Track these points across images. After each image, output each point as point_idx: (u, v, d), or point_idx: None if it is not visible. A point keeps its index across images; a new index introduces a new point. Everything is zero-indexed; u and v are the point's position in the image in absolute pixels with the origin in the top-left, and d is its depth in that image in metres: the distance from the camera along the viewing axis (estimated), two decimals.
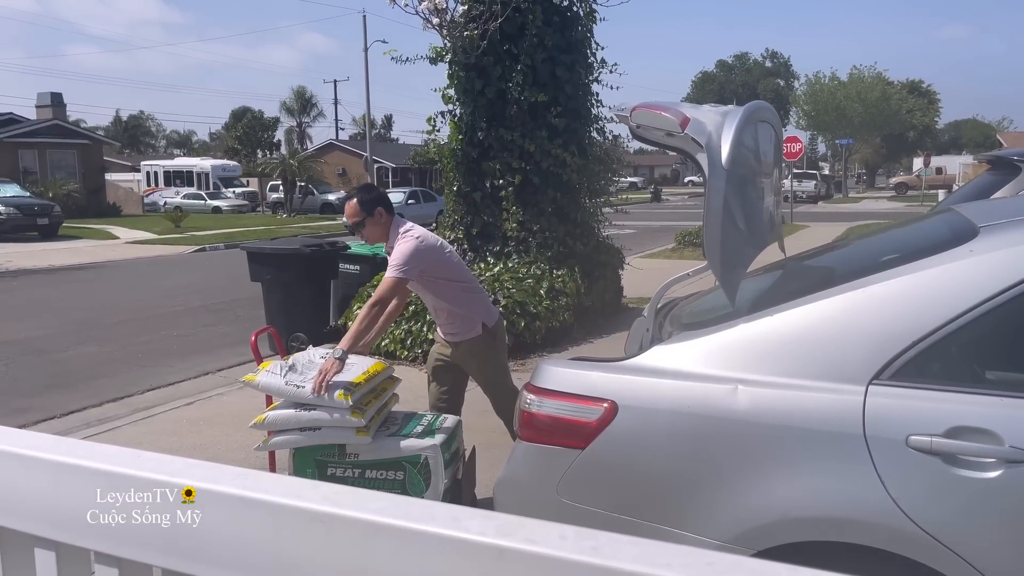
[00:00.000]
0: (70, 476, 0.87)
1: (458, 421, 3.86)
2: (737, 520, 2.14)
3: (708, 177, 2.39)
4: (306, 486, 0.79)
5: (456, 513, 0.73)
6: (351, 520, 0.73)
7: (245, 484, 0.79)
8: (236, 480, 0.80)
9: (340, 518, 0.73)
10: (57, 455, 0.89)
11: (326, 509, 0.74)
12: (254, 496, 0.77)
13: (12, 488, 0.90)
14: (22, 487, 0.90)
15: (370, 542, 0.72)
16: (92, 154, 35.18)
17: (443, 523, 0.70)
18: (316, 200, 37.88)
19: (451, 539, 0.69)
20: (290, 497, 0.76)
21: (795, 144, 26.45)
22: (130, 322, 10.27)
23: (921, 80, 65.56)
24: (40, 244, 21.97)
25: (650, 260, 14.87)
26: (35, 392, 6.91)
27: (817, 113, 53.83)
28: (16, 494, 0.90)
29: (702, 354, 2.30)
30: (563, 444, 2.38)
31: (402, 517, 0.71)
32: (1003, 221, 2.29)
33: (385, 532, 0.71)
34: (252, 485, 0.79)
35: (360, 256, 8.58)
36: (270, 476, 0.82)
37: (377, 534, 0.72)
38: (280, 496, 0.76)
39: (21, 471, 0.90)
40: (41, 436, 0.96)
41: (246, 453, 4.65)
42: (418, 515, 0.71)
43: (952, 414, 1.98)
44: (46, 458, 0.88)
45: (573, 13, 8.51)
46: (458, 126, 8.46)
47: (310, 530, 0.74)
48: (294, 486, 0.79)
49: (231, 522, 0.79)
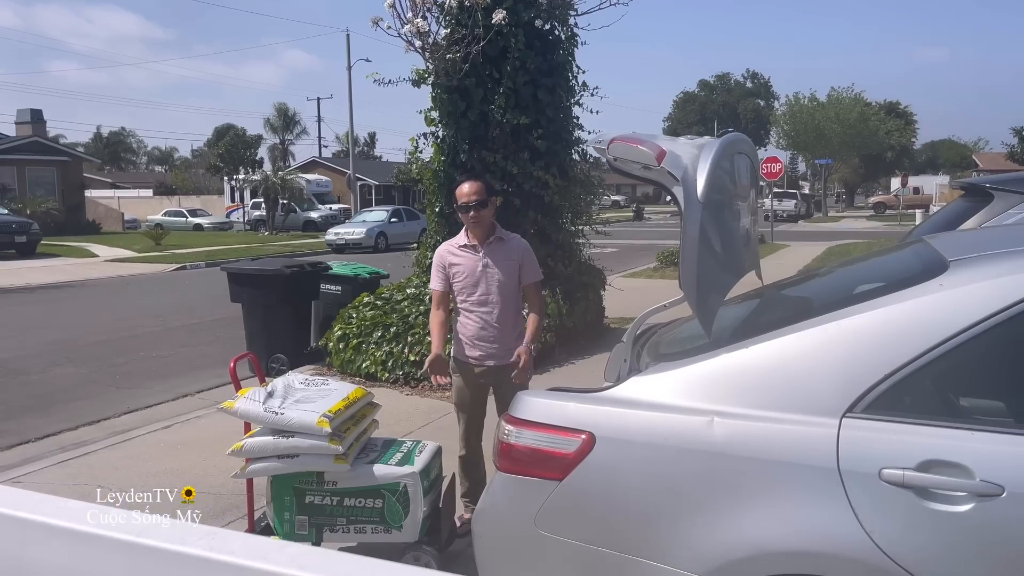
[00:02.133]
0: (35, 533, 0.86)
1: (438, 448, 3.85)
2: (714, 553, 2.15)
3: (684, 210, 2.42)
4: (273, 548, 0.79)
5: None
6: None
7: (212, 545, 0.79)
8: (203, 540, 0.80)
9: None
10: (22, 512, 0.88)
11: (292, 572, 0.74)
12: (220, 558, 0.77)
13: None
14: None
15: None
16: (72, 171, 34.93)
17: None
18: (299, 218, 37.75)
19: None
20: (257, 559, 0.76)
21: (775, 164, 26.67)
22: (108, 342, 10.16)
23: (898, 101, 66.42)
24: (17, 262, 21.71)
25: (632, 280, 14.93)
26: (10, 415, 6.81)
27: (797, 133, 54.43)
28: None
29: (678, 386, 2.32)
30: (541, 475, 2.38)
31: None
32: (972, 255, 2.33)
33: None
34: (219, 546, 0.78)
35: (342, 276, 8.56)
36: (237, 536, 0.82)
37: None
38: (247, 558, 0.76)
39: None
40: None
41: (224, 478, 4.60)
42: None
43: (924, 447, 2.00)
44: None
45: (555, 37, 8.58)
46: (441, 148, 8.48)
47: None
48: (261, 547, 0.79)
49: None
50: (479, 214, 3.87)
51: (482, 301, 3.94)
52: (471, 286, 3.95)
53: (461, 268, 3.96)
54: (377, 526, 3.50)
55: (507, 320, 3.98)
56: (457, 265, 3.97)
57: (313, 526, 3.53)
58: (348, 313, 7.99)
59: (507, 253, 3.97)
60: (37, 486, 4.92)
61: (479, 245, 3.95)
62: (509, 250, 3.98)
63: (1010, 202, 5.12)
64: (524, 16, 8.02)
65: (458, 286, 3.98)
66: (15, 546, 0.88)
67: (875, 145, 56.57)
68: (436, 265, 4.03)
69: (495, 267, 3.92)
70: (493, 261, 3.93)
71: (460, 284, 3.97)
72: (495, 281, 3.92)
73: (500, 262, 3.94)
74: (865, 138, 53.97)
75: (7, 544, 0.90)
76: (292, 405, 3.47)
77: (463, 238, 4.01)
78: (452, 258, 3.99)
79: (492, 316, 3.94)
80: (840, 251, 20.84)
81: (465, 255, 3.97)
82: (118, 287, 17.00)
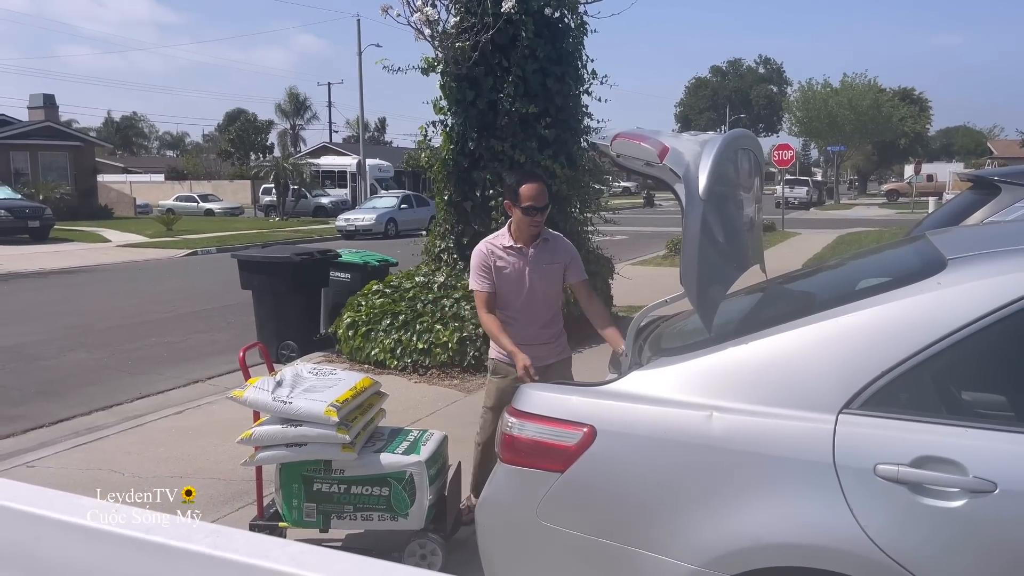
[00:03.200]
0: (50, 529, 0.91)
1: (444, 437, 3.90)
2: (711, 545, 2.19)
3: (685, 207, 2.45)
4: (275, 545, 0.83)
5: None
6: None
7: (216, 543, 0.83)
8: (208, 539, 0.84)
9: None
10: (37, 508, 0.93)
11: (292, 571, 0.78)
12: (225, 556, 0.81)
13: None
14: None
15: None
16: (84, 156, 35.12)
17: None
18: (309, 203, 37.87)
19: None
20: (259, 557, 0.80)
21: (787, 151, 26.55)
22: (120, 328, 10.27)
23: (913, 88, 65.90)
24: (31, 247, 21.91)
25: (641, 268, 14.92)
26: (24, 400, 6.92)
27: (809, 120, 54.08)
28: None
29: (678, 380, 2.35)
30: (543, 467, 2.42)
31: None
32: (971, 254, 2.35)
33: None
34: (224, 544, 0.83)
35: (351, 264, 8.62)
36: (241, 535, 0.86)
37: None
38: (249, 556, 0.80)
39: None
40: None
41: (234, 464, 4.68)
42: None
43: (919, 444, 2.03)
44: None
45: (564, 25, 8.57)
46: (450, 136, 8.50)
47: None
48: (263, 545, 0.83)
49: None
50: (543, 217, 3.80)
51: (527, 304, 3.85)
52: (517, 289, 3.84)
53: (507, 271, 3.83)
54: (383, 514, 3.56)
55: (550, 322, 3.93)
56: (504, 268, 3.83)
57: (321, 513, 3.59)
58: (357, 301, 8.05)
59: (553, 255, 3.87)
60: (51, 470, 5.02)
61: (525, 247, 3.84)
62: (555, 251, 3.88)
63: (1017, 195, 5.11)
64: (534, 4, 8.00)
65: (503, 288, 3.84)
66: (31, 541, 0.93)
67: (888, 132, 56.17)
68: (480, 265, 3.84)
69: (540, 269, 3.83)
70: (539, 263, 3.83)
71: (505, 287, 3.84)
72: (540, 283, 3.84)
73: (546, 263, 3.85)
74: (878, 124, 53.59)
75: (22, 537, 0.95)
76: (300, 394, 3.53)
77: (507, 238, 3.87)
78: (499, 261, 3.84)
79: (536, 318, 3.87)
80: (851, 240, 20.75)
81: (512, 257, 3.84)
82: (130, 272, 17.14)
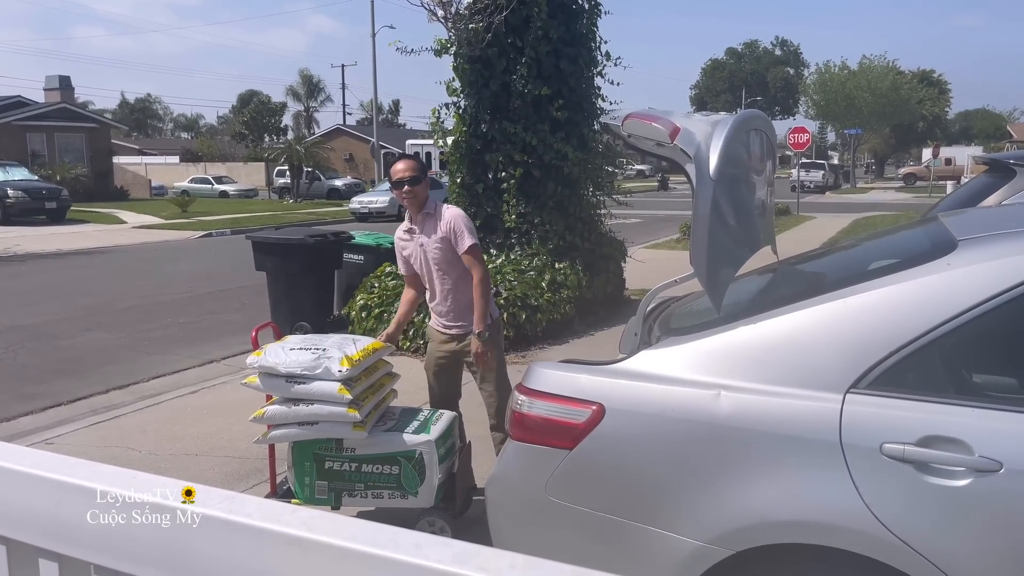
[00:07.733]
0: (71, 495, 0.95)
1: (454, 416, 3.94)
2: (718, 522, 2.21)
3: (696, 187, 2.45)
4: (286, 511, 0.86)
5: (419, 540, 0.80)
6: (324, 545, 0.80)
7: (231, 508, 0.86)
8: (223, 503, 0.87)
9: (315, 543, 0.80)
10: (59, 475, 0.96)
11: (302, 534, 0.81)
12: (238, 520, 0.84)
13: (16, 503, 0.98)
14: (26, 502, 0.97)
15: (341, 566, 0.79)
16: (100, 137, 35.30)
17: (406, 550, 0.77)
18: (323, 186, 37.94)
19: (412, 565, 0.76)
20: (270, 521, 0.83)
21: (803, 134, 26.30)
22: (136, 308, 10.38)
23: (932, 70, 65.07)
24: (48, 228, 22.12)
25: (654, 251, 14.90)
26: (42, 378, 7.03)
27: (827, 102, 53.56)
28: (21, 508, 0.98)
29: (686, 359, 2.37)
30: (552, 444, 2.45)
31: (370, 544, 0.78)
32: (981, 235, 2.35)
33: (354, 557, 0.79)
34: (237, 509, 0.86)
35: (365, 246, 8.65)
36: (253, 500, 0.89)
37: (347, 559, 0.79)
38: (261, 520, 0.83)
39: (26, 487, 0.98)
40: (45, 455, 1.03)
41: (248, 443, 4.74)
42: (384, 542, 0.78)
43: (925, 423, 2.05)
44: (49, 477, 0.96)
45: (578, 6, 8.53)
46: (463, 118, 8.50)
47: (289, 552, 0.81)
48: (275, 511, 0.86)
49: (218, 543, 0.87)
50: (412, 190, 3.89)
51: (429, 279, 4.04)
52: (419, 267, 4.05)
53: (407, 251, 4.06)
54: (394, 492, 3.60)
55: (449, 293, 4.01)
56: (404, 249, 4.08)
57: (332, 491, 3.64)
58: (370, 283, 8.10)
59: (435, 227, 3.94)
60: (69, 447, 5.11)
61: (417, 227, 3.99)
62: (437, 223, 3.95)
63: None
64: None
65: (415, 268, 4.08)
66: (52, 506, 0.96)
67: (907, 115, 55.55)
68: (396, 252, 4.17)
69: (427, 242, 3.95)
70: (426, 237, 3.95)
71: (416, 266, 4.08)
72: (430, 257, 3.96)
73: (429, 236, 3.95)
74: (897, 107, 53.00)
75: (45, 504, 0.99)
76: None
77: (407, 221, 4.07)
78: (401, 243, 4.09)
79: (437, 291, 4.03)
80: (866, 224, 20.57)
81: (409, 238, 4.05)
82: (146, 254, 17.28)
